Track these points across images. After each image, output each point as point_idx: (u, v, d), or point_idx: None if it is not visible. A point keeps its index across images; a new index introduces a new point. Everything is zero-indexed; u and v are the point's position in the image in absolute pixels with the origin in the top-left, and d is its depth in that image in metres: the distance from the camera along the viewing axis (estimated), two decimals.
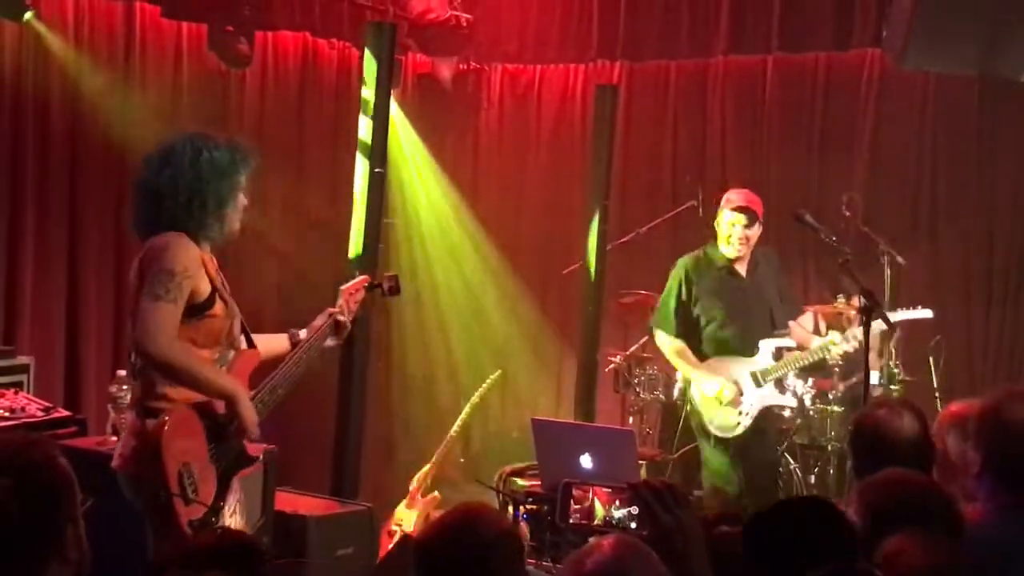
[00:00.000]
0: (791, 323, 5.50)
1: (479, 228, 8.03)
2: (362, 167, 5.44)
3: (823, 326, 5.96)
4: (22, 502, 1.84)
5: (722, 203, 5.45)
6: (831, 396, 6.01)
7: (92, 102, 6.13)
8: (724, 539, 2.36)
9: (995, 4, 5.70)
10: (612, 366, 6.84)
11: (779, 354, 5.34)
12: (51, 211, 6.04)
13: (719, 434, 5.32)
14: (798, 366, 5.41)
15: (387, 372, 7.75)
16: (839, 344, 5.26)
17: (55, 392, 5.79)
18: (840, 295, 6.15)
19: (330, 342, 3.92)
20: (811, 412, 6.01)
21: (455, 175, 8.06)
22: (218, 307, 3.45)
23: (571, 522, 3.80)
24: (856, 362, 5.27)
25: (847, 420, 5.43)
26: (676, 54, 7.76)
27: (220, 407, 3.42)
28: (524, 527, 4.74)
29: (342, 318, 3.91)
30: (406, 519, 5.91)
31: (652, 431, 6.77)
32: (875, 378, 5.81)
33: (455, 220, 8.07)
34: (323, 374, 5.24)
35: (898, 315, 5.24)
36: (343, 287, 4.02)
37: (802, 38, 7.27)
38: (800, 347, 5.39)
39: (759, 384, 5.30)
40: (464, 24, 7.39)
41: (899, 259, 6.35)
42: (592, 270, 6.69)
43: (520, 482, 5.38)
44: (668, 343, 5.49)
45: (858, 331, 5.14)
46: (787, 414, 5.86)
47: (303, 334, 3.85)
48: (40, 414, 4.68)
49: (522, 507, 4.81)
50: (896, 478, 2.52)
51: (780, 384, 5.45)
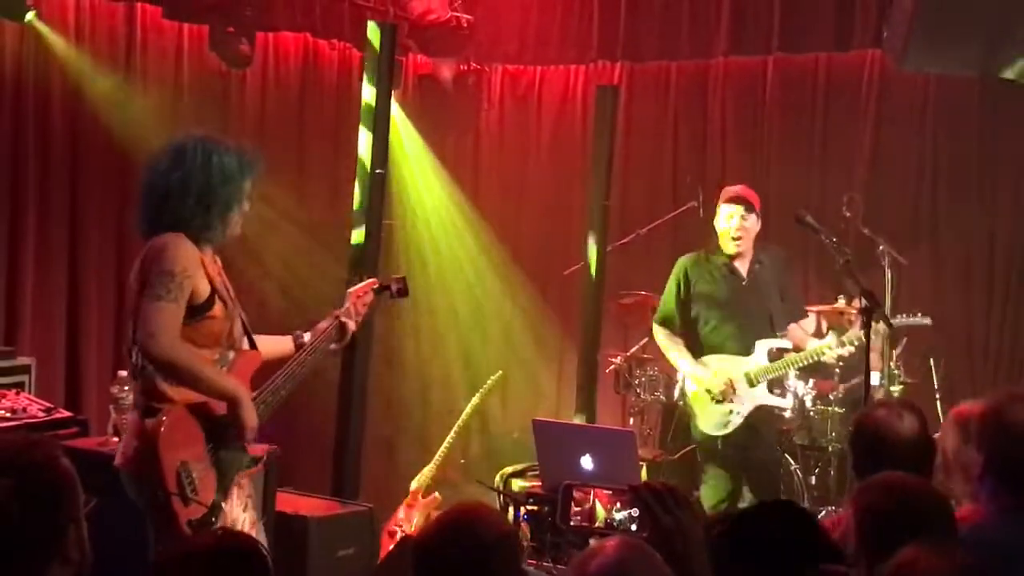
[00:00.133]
0: (790, 325, 5.50)
1: (479, 229, 8.03)
2: (363, 168, 5.45)
3: (825, 327, 5.96)
4: (23, 502, 1.84)
5: (719, 200, 5.46)
6: (832, 397, 6.01)
7: (93, 102, 6.14)
8: (724, 540, 2.36)
9: (995, 4, 5.70)
10: (612, 367, 6.83)
11: (776, 355, 5.33)
12: (52, 211, 6.04)
13: (711, 432, 5.32)
14: (793, 368, 5.41)
15: (388, 373, 7.74)
16: (834, 349, 5.26)
17: (56, 393, 5.79)
18: (841, 296, 6.15)
19: (333, 346, 3.87)
20: (811, 413, 6.02)
21: (456, 176, 8.06)
22: (217, 308, 3.44)
23: (572, 524, 3.79)
24: (857, 364, 5.26)
25: (848, 421, 5.43)
26: (676, 55, 7.75)
27: (220, 408, 3.41)
28: (525, 528, 4.75)
29: (348, 321, 3.85)
30: (407, 520, 5.92)
31: (652, 432, 6.75)
32: (876, 379, 5.81)
33: (455, 221, 8.07)
34: (324, 374, 5.25)
35: (897, 321, 5.24)
36: (351, 289, 3.94)
37: (802, 39, 7.27)
38: (796, 348, 5.39)
39: (752, 384, 5.30)
40: (464, 25, 7.40)
41: (900, 259, 6.35)
42: (593, 271, 6.69)
43: (520, 483, 5.39)
44: (664, 336, 5.50)
45: (855, 335, 5.16)
46: (787, 415, 5.86)
47: (307, 337, 3.80)
48: (41, 415, 4.68)
49: (523, 508, 4.82)
50: (892, 481, 2.52)
51: (779, 385, 5.44)
